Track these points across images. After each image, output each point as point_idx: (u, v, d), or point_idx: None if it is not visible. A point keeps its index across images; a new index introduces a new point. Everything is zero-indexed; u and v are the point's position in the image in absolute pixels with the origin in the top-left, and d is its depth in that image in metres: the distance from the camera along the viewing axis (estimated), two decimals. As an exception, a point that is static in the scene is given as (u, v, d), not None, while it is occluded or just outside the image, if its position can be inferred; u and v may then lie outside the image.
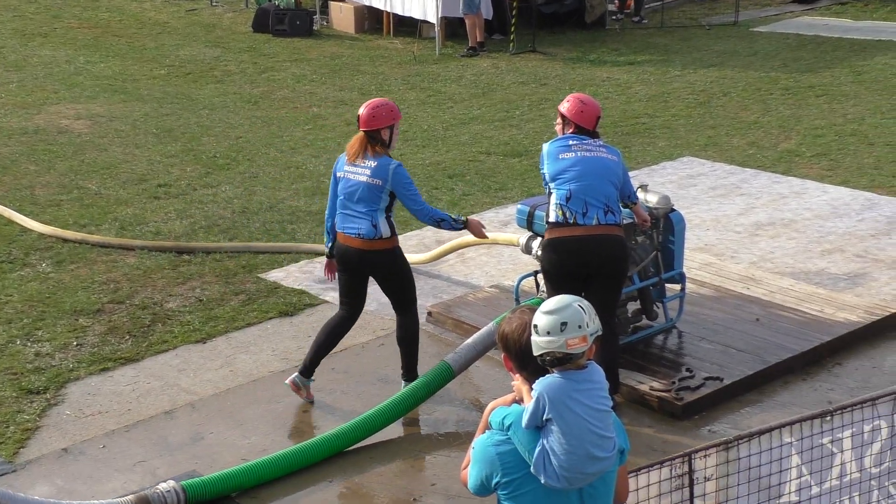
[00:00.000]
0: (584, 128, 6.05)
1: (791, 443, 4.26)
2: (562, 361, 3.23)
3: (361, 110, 6.11)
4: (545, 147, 6.11)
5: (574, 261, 5.92)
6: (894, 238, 8.80)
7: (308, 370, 6.35)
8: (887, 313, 7.25)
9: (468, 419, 6.24)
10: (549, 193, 6.06)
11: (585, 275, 5.93)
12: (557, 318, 3.21)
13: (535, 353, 3.25)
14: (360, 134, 6.11)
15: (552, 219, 5.98)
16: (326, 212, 6.31)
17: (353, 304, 6.37)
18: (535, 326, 3.23)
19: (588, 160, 5.96)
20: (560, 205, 5.91)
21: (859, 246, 8.67)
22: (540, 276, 6.60)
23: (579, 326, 3.22)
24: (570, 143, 6.01)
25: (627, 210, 6.57)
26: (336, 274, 6.34)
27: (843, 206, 9.59)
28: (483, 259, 8.58)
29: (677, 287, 7.11)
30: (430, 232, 9.12)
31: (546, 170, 6.03)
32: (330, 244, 6.26)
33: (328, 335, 6.36)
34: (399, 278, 6.22)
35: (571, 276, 5.93)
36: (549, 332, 3.21)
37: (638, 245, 6.85)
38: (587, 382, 3.28)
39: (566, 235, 5.90)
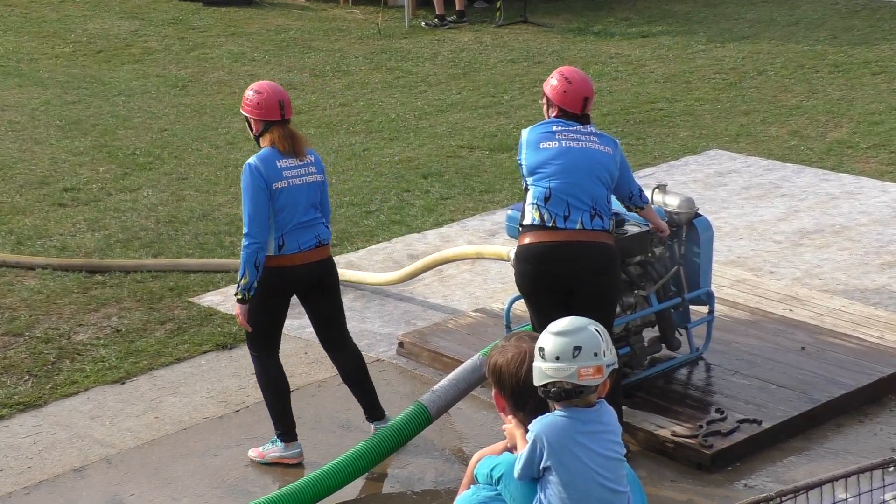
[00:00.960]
0: (569, 112, 6.14)
1: (846, 500, 4.25)
2: (569, 395, 3.25)
3: (275, 95, 6.05)
4: (524, 133, 6.16)
5: (549, 270, 5.98)
6: (968, 247, 8.91)
7: (291, 433, 6.33)
8: (961, 339, 7.33)
9: (449, 473, 6.25)
10: (526, 190, 6.13)
11: (565, 290, 6.01)
12: (570, 342, 3.24)
13: (538, 381, 3.26)
14: (286, 127, 6.12)
15: (527, 221, 6.05)
16: (257, 242, 5.97)
17: (279, 336, 6.37)
18: (542, 350, 3.25)
19: (574, 152, 6.02)
20: (537, 205, 5.99)
21: (926, 257, 8.78)
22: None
23: (595, 354, 3.25)
24: (554, 129, 6.07)
25: (636, 216, 6.62)
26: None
27: (906, 208, 9.71)
28: (466, 277, 8.62)
29: (704, 310, 7.14)
30: (399, 245, 9.16)
31: (524, 161, 6.07)
32: (255, 282, 6.04)
33: (282, 387, 6.34)
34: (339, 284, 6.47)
35: (550, 291, 6.00)
36: (558, 358, 3.23)
37: (655, 258, 6.90)
38: (595, 423, 3.30)
39: (542, 241, 5.97)
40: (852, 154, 10.91)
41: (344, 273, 8.42)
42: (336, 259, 8.80)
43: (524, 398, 3.29)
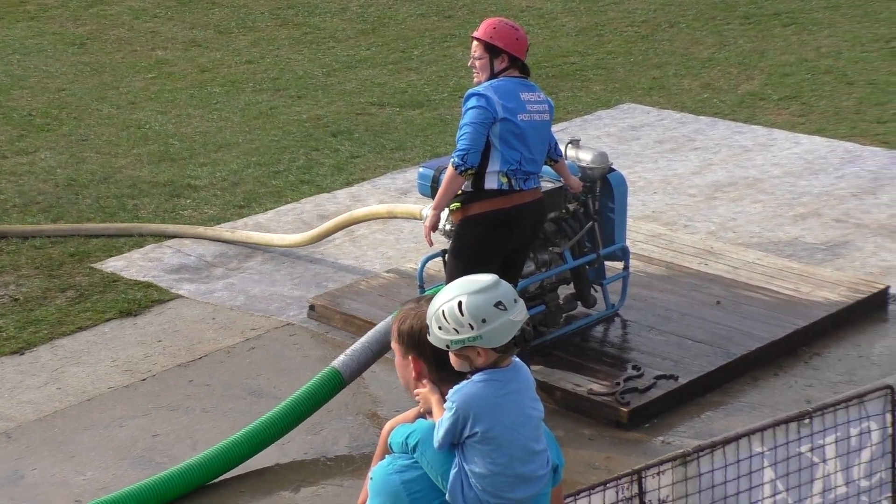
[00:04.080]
0: (520, 60, 6.23)
1: (763, 453, 4.29)
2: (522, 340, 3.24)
3: None
4: (488, 90, 6.06)
5: (517, 232, 6.16)
6: (881, 197, 9.02)
7: None
8: (875, 290, 7.41)
9: (364, 439, 6.24)
10: (472, 151, 6.00)
11: (514, 249, 6.21)
12: (497, 296, 3.21)
13: (508, 338, 3.19)
14: None
15: (492, 185, 6.11)
16: None
17: None
18: (501, 304, 3.18)
19: (538, 126, 6.17)
20: (507, 172, 6.09)
21: (839, 208, 8.87)
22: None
23: (515, 301, 3.25)
24: (522, 96, 6.14)
25: (549, 170, 6.63)
26: None
27: (818, 159, 9.80)
28: (378, 238, 8.59)
29: (619, 265, 7.21)
30: (309, 205, 9.10)
31: (498, 125, 6.04)
32: None
33: None
34: None
35: (499, 253, 6.15)
36: (515, 301, 3.21)
37: (569, 214, 6.93)
38: (514, 382, 3.27)
39: (514, 205, 6.12)
40: (764, 106, 11.01)
41: (251, 235, 8.35)
42: (244, 221, 8.78)
43: (446, 359, 3.24)
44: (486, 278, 3.23)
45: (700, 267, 7.77)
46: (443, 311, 3.18)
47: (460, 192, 6.15)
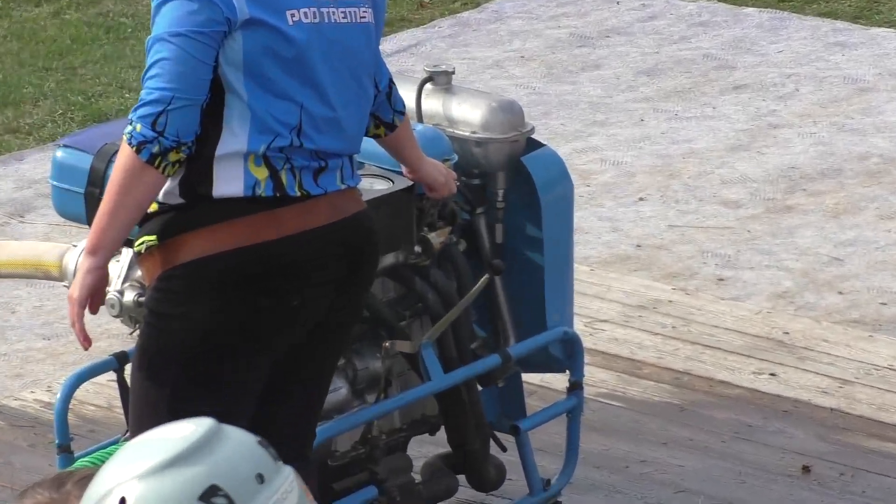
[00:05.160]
0: None
1: None
2: None
3: None
4: None
5: (293, 304, 6.40)
6: None
7: None
8: None
9: None
10: (177, 107, 6.15)
11: (295, 343, 6.46)
12: (209, 474, 3.22)
13: None
14: None
15: (232, 189, 6.32)
16: None
17: None
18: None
19: (336, 35, 6.44)
20: (268, 153, 6.30)
21: None
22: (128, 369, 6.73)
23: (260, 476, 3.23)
24: None
25: (376, 149, 6.83)
26: None
27: None
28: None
29: (560, 382, 7.27)
30: None
31: (238, 39, 6.29)
32: None
33: None
34: None
35: (260, 352, 6.37)
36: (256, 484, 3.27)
37: (432, 256, 7.13)
38: None
39: (291, 234, 6.38)
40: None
41: None
42: None
43: None
44: (186, 431, 3.34)
45: (758, 382, 8.00)
46: None
47: (157, 205, 6.11)
